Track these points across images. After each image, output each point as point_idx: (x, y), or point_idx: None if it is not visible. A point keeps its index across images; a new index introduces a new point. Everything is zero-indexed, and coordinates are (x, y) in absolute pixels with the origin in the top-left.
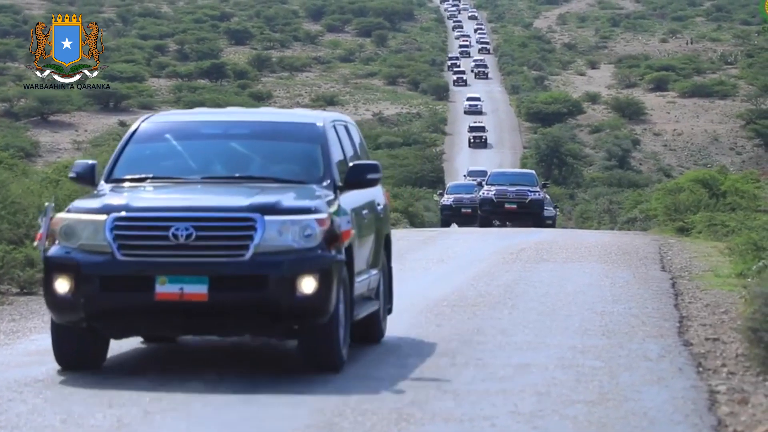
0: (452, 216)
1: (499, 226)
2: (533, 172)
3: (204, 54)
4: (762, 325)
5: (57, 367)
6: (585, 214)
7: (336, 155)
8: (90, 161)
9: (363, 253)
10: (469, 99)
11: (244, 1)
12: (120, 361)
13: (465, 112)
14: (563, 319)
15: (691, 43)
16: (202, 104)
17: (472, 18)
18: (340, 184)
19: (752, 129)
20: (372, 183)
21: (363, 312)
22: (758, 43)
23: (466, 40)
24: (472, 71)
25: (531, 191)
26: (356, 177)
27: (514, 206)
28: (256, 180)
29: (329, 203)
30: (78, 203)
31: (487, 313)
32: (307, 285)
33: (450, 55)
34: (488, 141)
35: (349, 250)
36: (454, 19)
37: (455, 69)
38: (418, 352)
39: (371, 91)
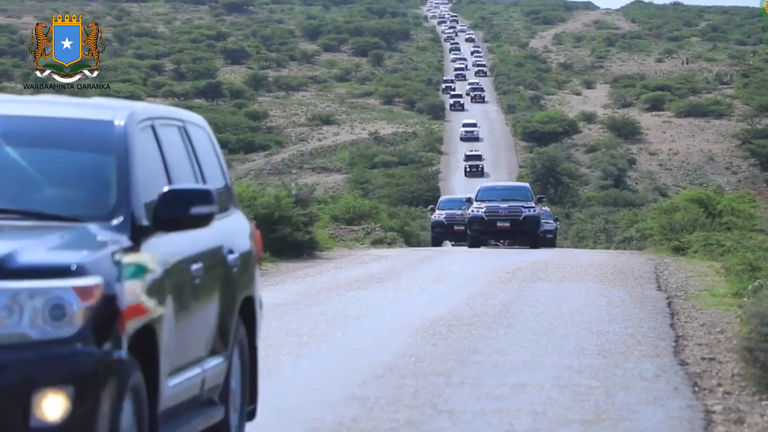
0: (444, 233)
1: (492, 246)
2: (527, 185)
3: (200, 73)
4: (758, 345)
5: None
6: (581, 233)
7: (145, 176)
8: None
9: (191, 336)
10: (465, 125)
11: (240, 20)
12: None
13: (461, 139)
14: (559, 339)
15: (687, 63)
16: None
17: (469, 40)
18: (145, 222)
19: (748, 149)
20: (198, 222)
21: (184, 428)
22: (753, 63)
23: (463, 63)
24: (467, 94)
25: (525, 207)
26: (171, 211)
27: (507, 224)
28: None
29: (113, 256)
30: None
31: (482, 332)
32: (51, 407)
33: (445, 78)
34: (484, 170)
35: (151, 337)
36: (452, 41)
37: (451, 93)
38: (414, 372)
39: (367, 111)
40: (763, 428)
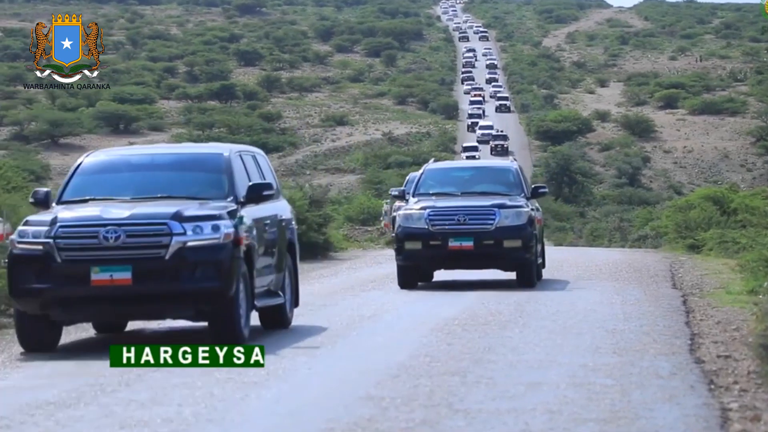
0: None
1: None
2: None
3: (213, 75)
4: None
5: (69, 389)
6: (595, 231)
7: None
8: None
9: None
10: (482, 128)
11: (253, 22)
12: (129, 380)
13: (478, 141)
14: (574, 337)
15: (701, 60)
16: (212, 125)
17: (483, 38)
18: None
19: (762, 146)
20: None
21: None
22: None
23: (472, 54)
24: (491, 96)
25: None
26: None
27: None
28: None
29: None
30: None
31: (497, 331)
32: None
33: (463, 70)
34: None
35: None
36: (460, 31)
37: (473, 100)
38: (429, 372)
39: (381, 111)
40: None
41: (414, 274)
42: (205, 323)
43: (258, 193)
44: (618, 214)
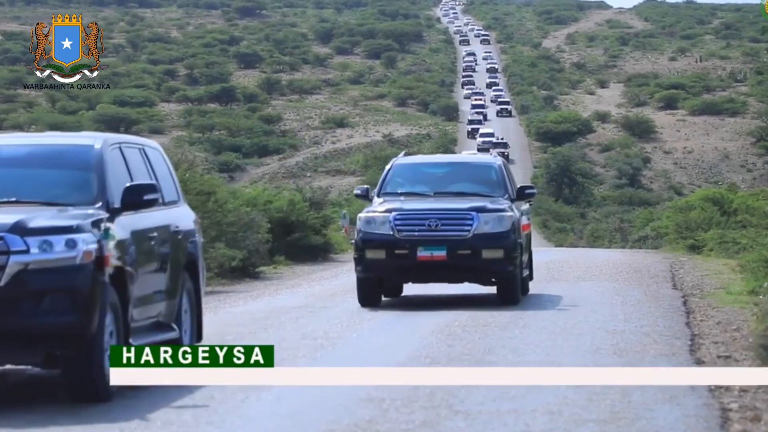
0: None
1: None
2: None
3: (214, 78)
4: None
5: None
6: (596, 232)
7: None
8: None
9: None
10: (482, 135)
11: (253, 25)
12: None
13: (478, 149)
14: (575, 338)
15: (701, 61)
16: (212, 128)
17: (484, 42)
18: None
19: (763, 146)
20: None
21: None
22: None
23: (472, 58)
24: (492, 101)
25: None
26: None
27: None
28: None
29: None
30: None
31: (498, 332)
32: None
33: (464, 74)
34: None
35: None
36: (461, 35)
37: (475, 103)
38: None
39: (381, 113)
40: None
41: (376, 288)
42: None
43: (137, 198)
44: (618, 215)
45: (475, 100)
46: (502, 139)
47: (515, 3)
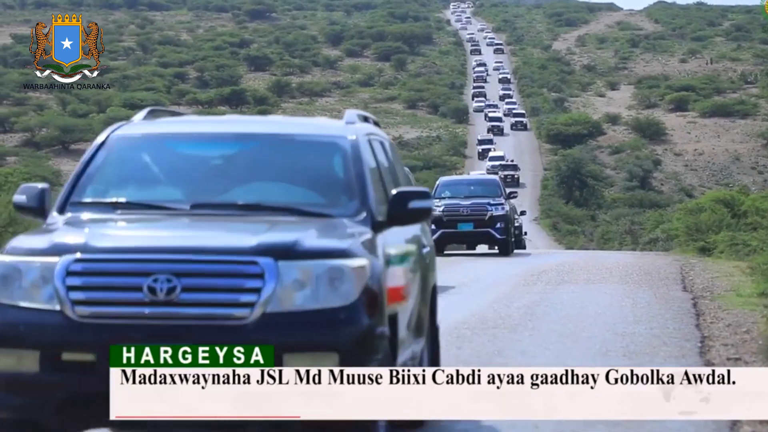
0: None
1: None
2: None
3: (224, 81)
4: None
5: None
6: (606, 235)
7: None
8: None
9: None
10: (492, 159)
11: (263, 27)
12: None
13: (488, 172)
14: (584, 341)
15: (711, 62)
16: None
17: (498, 51)
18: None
19: None
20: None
21: None
22: None
23: (483, 68)
24: (506, 115)
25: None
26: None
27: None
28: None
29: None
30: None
31: (507, 335)
32: None
33: (488, 103)
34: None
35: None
36: (472, 42)
37: (491, 116)
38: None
39: (391, 115)
40: None
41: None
42: None
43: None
44: (629, 217)
45: (490, 112)
46: (512, 161)
47: (525, 5)
